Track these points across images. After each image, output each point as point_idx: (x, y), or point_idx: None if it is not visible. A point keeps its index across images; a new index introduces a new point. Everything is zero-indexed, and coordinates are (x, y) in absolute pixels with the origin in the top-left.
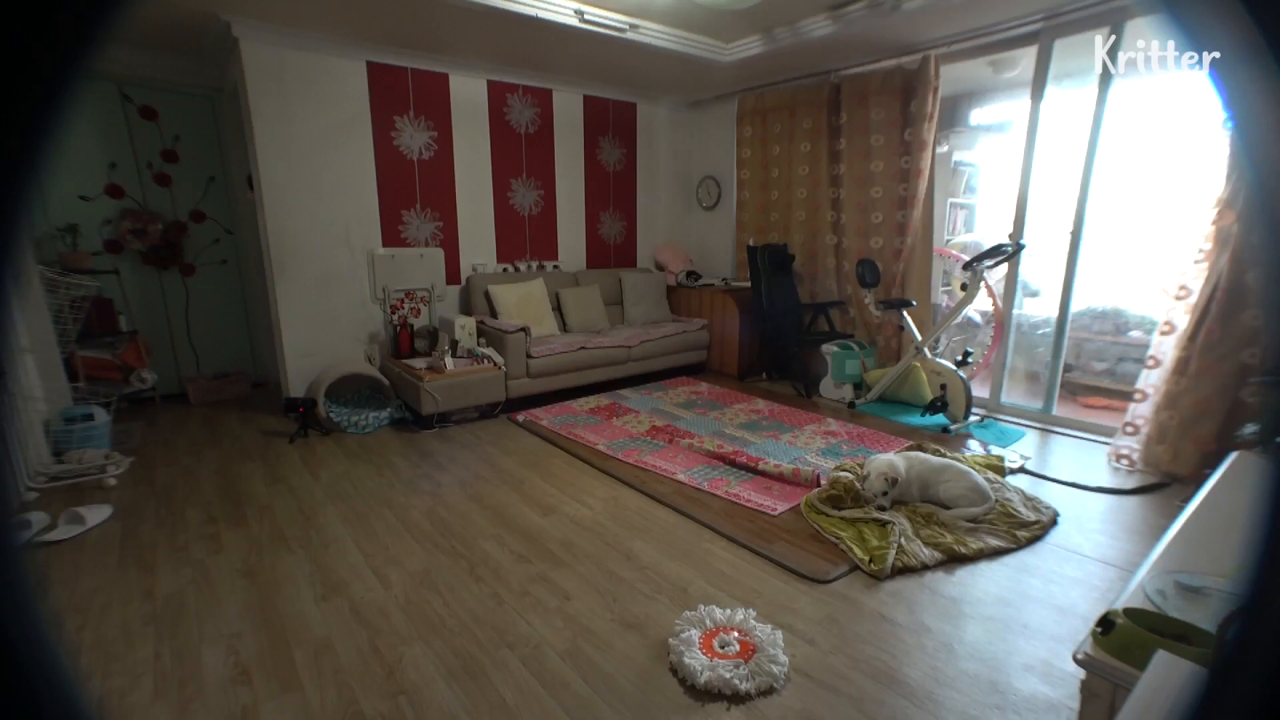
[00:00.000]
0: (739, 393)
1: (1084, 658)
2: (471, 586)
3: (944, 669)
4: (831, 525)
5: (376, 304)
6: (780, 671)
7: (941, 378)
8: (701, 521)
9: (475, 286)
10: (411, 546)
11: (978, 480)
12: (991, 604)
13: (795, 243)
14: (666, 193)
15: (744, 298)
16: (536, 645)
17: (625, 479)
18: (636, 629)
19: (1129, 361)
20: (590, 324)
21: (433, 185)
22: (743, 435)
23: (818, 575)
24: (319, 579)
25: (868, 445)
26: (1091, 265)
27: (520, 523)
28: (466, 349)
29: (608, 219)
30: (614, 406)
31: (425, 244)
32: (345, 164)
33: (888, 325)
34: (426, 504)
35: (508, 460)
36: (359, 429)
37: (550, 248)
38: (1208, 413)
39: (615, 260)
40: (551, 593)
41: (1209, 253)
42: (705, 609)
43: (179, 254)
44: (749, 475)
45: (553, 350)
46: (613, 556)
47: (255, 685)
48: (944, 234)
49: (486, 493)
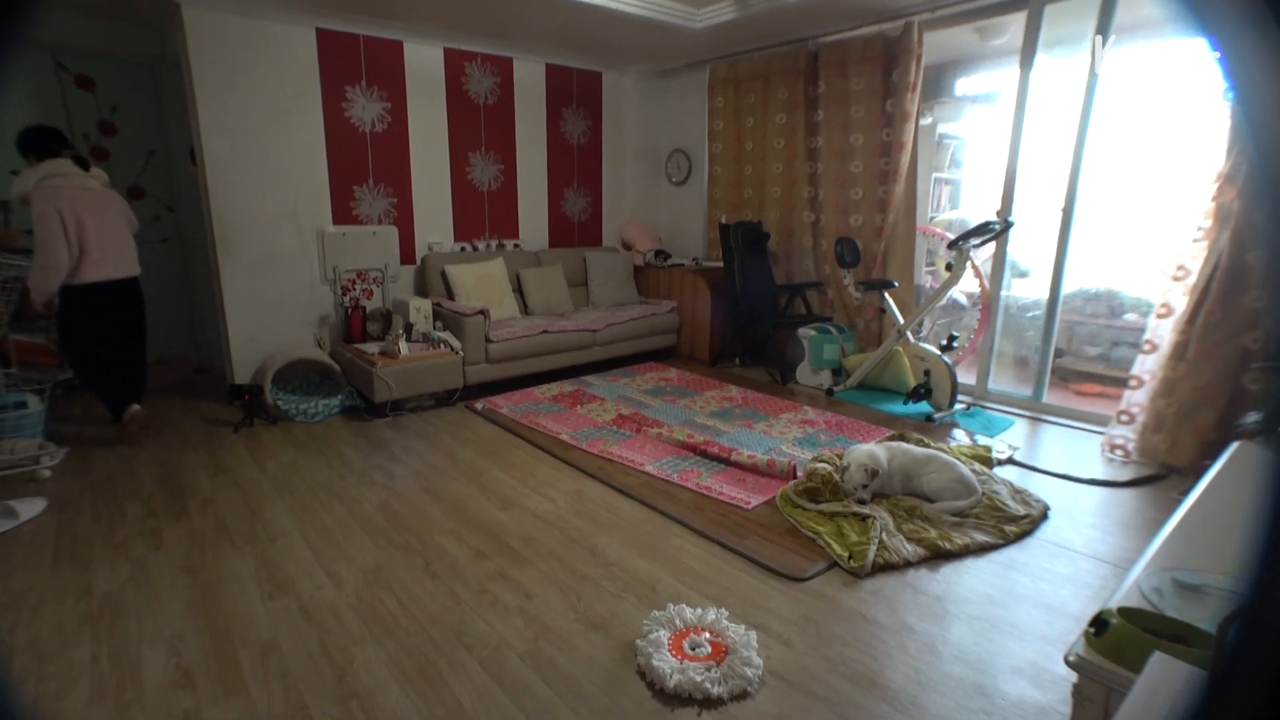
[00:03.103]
0: (710, 379)
1: (1076, 660)
2: (427, 584)
3: (927, 671)
4: (809, 520)
5: (327, 285)
6: (754, 674)
7: (925, 363)
8: (671, 515)
9: (431, 266)
10: (363, 542)
11: (963, 472)
12: (978, 603)
13: (770, 220)
14: (633, 167)
15: (716, 278)
16: (495, 646)
17: (590, 470)
18: (602, 629)
19: (1124, 346)
20: (553, 306)
21: (386, 159)
22: (714, 424)
23: (794, 572)
24: (265, 576)
25: (847, 435)
26: (1084, 244)
27: (479, 517)
28: (422, 333)
29: (571, 195)
30: (578, 394)
31: (378, 221)
32: (293, 137)
33: (868, 307)
34: (379, 497)
35: (465, 450)
36: (308, 417)
37: (511, 225)
38: (1207, 400)
39: (579, 239)
40: (511, 591)
41: (1208, 231)
42: (674, 608)
43: None
44: (721, 467)
45: (513, 334)
46: (576, 552)
47: (198, 689)
48: (928, 211)
49: (443, 485)
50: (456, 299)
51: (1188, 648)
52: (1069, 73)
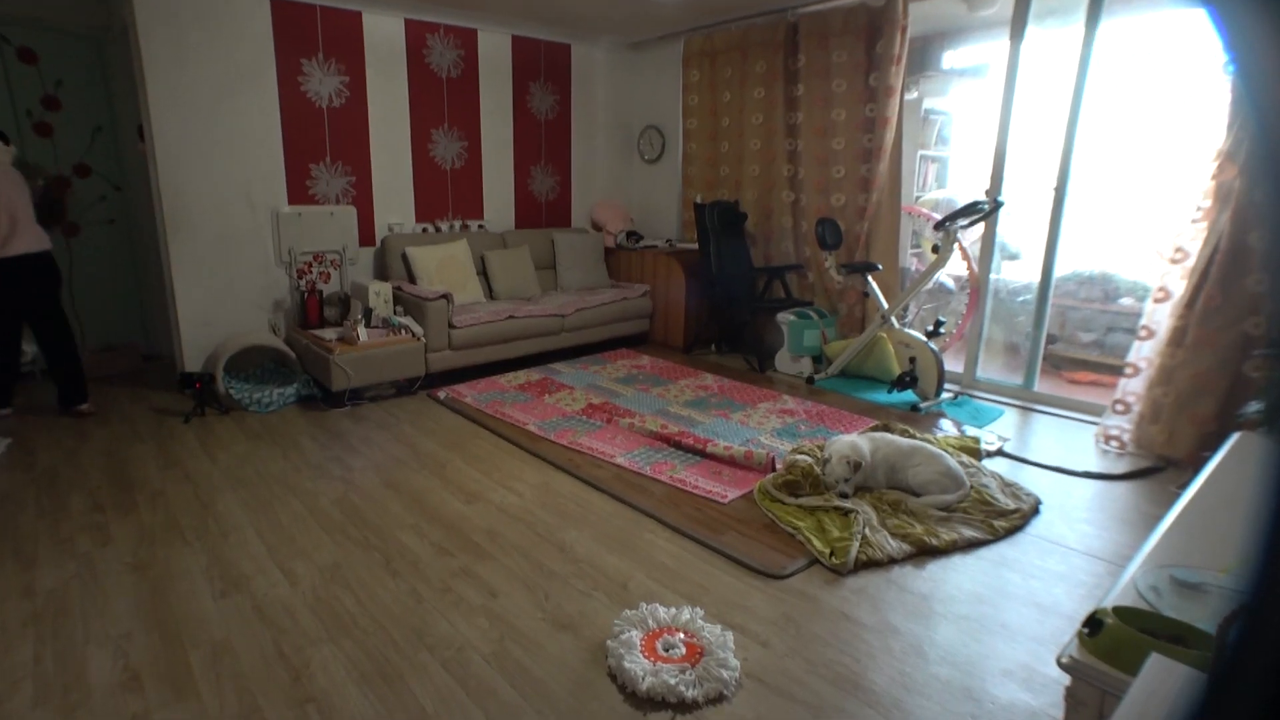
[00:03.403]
0: (685, 367)
1: (1069, 661)
2: (387, 582)
3: (913, 674)
4: (788, 514)
5: (282, 268)
6: (730, 677)
7: (910, 350)
8: (643, 510)
9: (391, 248)
10: (320, 538)
11: (950, 464)
12: (966, 602)
13: (748, 200)
14: (604, 144)
15: (690, 261)
16: (459, 647)
17: (558, 462)
18: (570, 629)
19: (1119, 332)
20: (519, 290)
21: (344, 136)
22: (689, 414)
23: (772, 570)
24: (217, 573)
25: (828, 425)
26: (1077, 225)
27: (441, 511)
28: (381, 318)
29: (539, 173)
30: (546, 382)
31: (336, 201)
32: (247, 113)
33: (850, 291)
34: (337, 490)
35: (427, 442)
36: (262, 407)
37: (475, 205)
38: (1206, 389)
39: (547, 219)
40: (476, 589)
41: (1208, 211)
42: (647, 607)
43: (62, 212)
44: (696, 459)
45: (478, 319)
46: (544, 548)
47: (146, 691)
48: (913, 190)
49: (404, 478)
50: (418, 282)
51: (1186, 649)
52: (1061, 45)
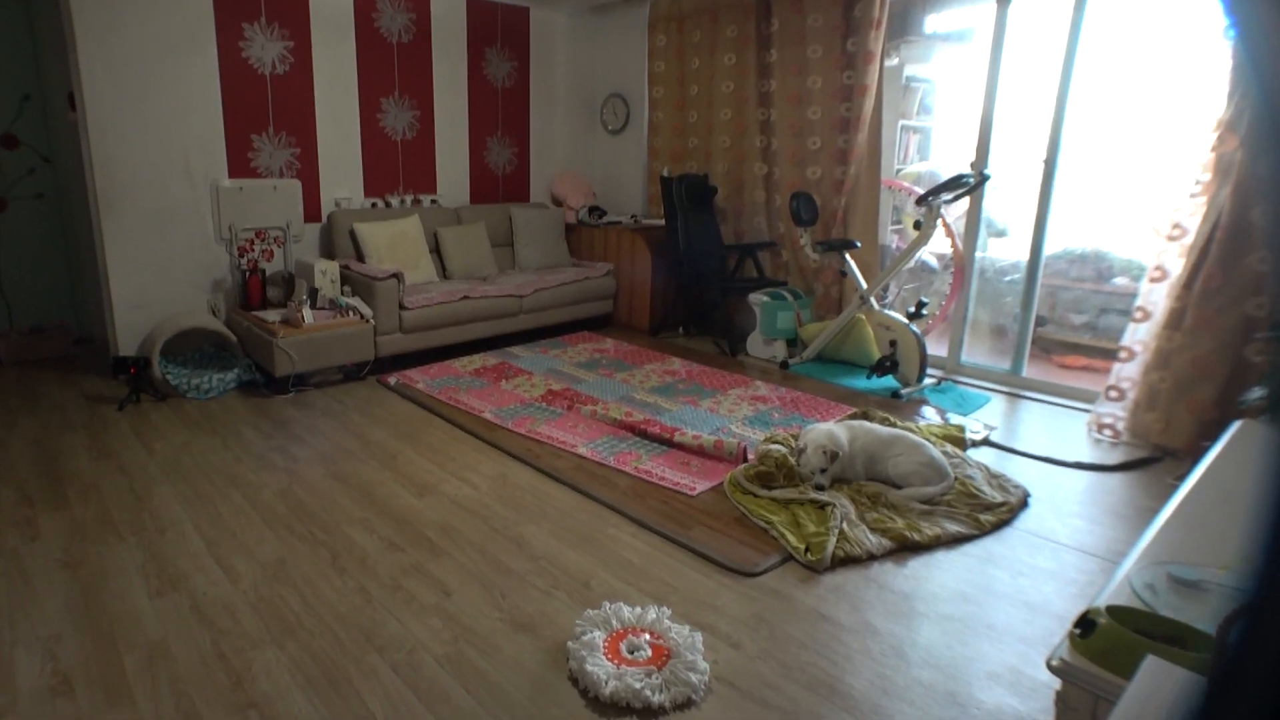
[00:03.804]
0: (651, 351)
1: (1059, 664)
2: (334, 580)
3: (893, 677)
4: (760, 508)
5: (222, 245)
6: (699, 680)
7: (891, 333)
8: (606, 503)
9: (339, 225)
10: (263, 533)
11: (933, 454)
12: (950, 601)
13: (718, 173)
14: (565, 114)
15: (657, 238)
16: (410, 649)
17: (516, 452)
18: (529, 630)
19: (1113, 313)
20: (475, 269)
21: (288, 105)
22: (655, 401)
23: (744, 567)
24: (153, 571)
25: (803, 413)
26: (1069, 200)
27: (392, 504)
28: (328, 299)
29: (495, 145)
30: (503, 367)
31: (280, 174)
32: (185, 80)
33: (827, 271)
34: (281, 482)
35: (377, 430)
36: (201, 393)
37: (428, 179)
38: (1206, 374)
39: (504, 194)
40: (428, 587)
41: (1207, 185)
42: (611, 607)
43: None
44: (663, 449)
45: (430, 300)
46: (501, 544)
47: (78, 696)
48: (894, 162)
49: (352, 469)
50: (367, 261)
51: (1184, 651)
52: (1052, 8)
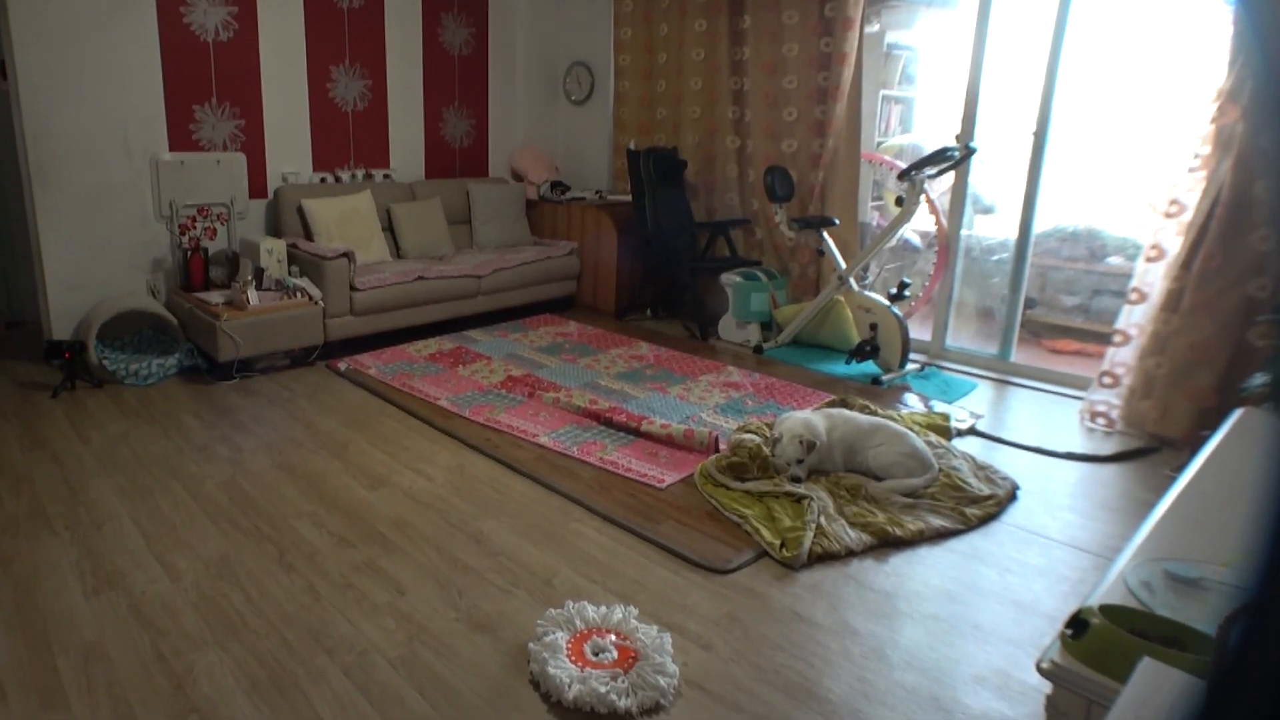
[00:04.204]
0: (617, 334)
1: (1050, 667)
2: (280, 577)
3: (874, 681)
4: (733, 501)
5: (162, 223)
6: (668, 684)
7: (871, 315)
8: (569, 496)
9: (286, 201)
10: (205, 527)
11: (916, 444)
12: (934, 599)
13: (688, 146)
14: (526, 83)
15: (623, 215)
16: (362, 651)
17: (473, 442)
18: (488, 631)
19: (1107, 295)
20: (430, 248)
21: (232, 74)
22: (622, 388)
23: (716, 563)
24: (89, 568)
25: (779, 400)
26: (1060, 175)
27: (342, 497)
28: (275, 279)
29: (452, 116)
30: (460, 351)
31: (223, 148)
32: (122, 47)
33: (803, 250)
34: (224, 474)
35: (326, 419)
36: (140, 380)
37: (380, 152)
38: (1205, 359)
39: (461, 168)
40: (381, 585)
41: (1207, 158)
42: (574, 606)
43: None
44: (629, 438)
45: (383, 281)
46: (458, 539)
47: (9, 700)
48: (874, 135)
49: (300, 460)
50: (316, 239)
51: (1182, 652)
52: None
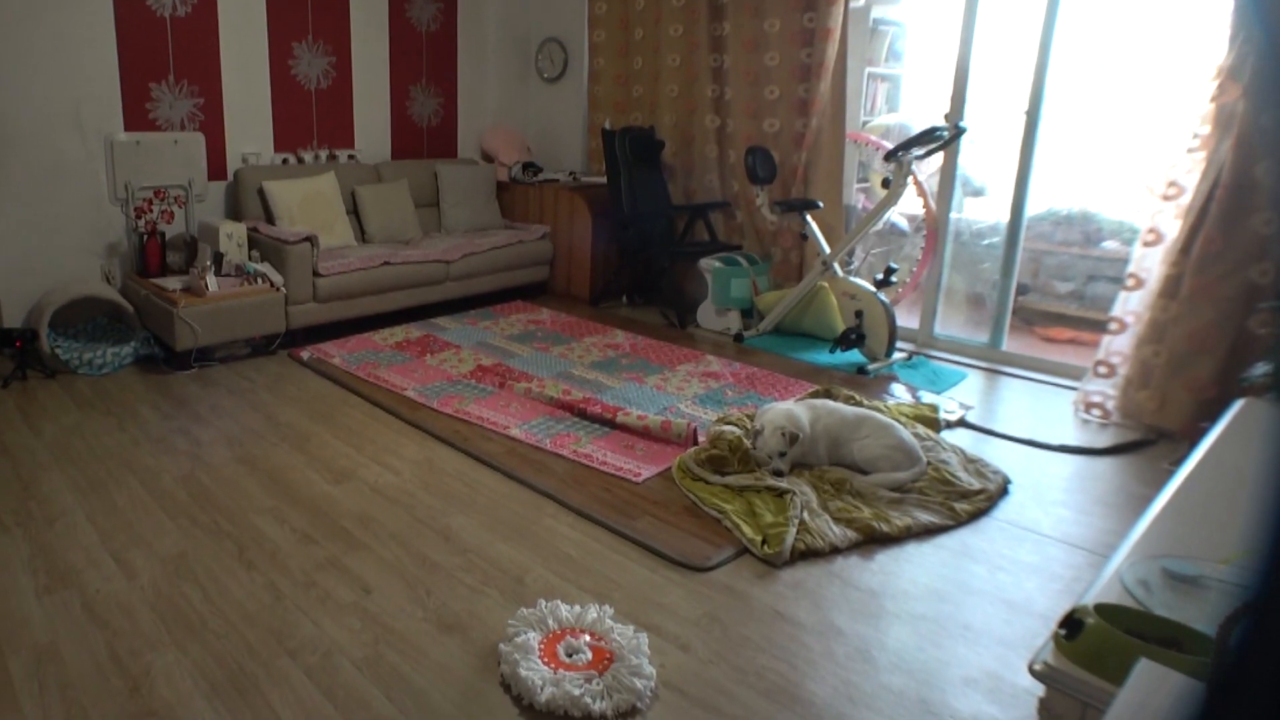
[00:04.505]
0: (591, 322)
1: (1043, 668)
2: (241, 575)
3: (860, 683)
4: (712, 495)
5: (117, 205)
6: (645, 686)
7: (857, 302)
8: (542, 490)
9: (246, 183)
10: (163, 523)
11: (904, 437)
12: (922, 598)
13: (665, 125)
14: (497, 60)
15: (598, 198)
16: (326, 652)
17: (442, 435)
18: (457, 631)
19: (1102, 281)
20: (397, 232)
21: (190, 50)
22: (596, 377)
23: (694, 561)
24: (41, 566)
25: (760, 390)
26: (1053, 155)
27: (305, 492)
28: (234, 265)
29: (420, 95)
30: (428, 340)
31: (181, 127)
32: (75, 22)
33: (786, 233)
34: (182, 467)
35: (288, 410)
36: (94, 369)
37: (344, 132)
38: (1205, 348)
39: (430, 149)
40: (346, 584)
41: (1206, 139)
42: (547, 605)
43: None
44: (604, 430)
45: (347, 266)
46: (426, 536)
47: None
48: (859, 114)
49: (261, 453)
50: (277, 223)
51: (1181, 654)
52: None
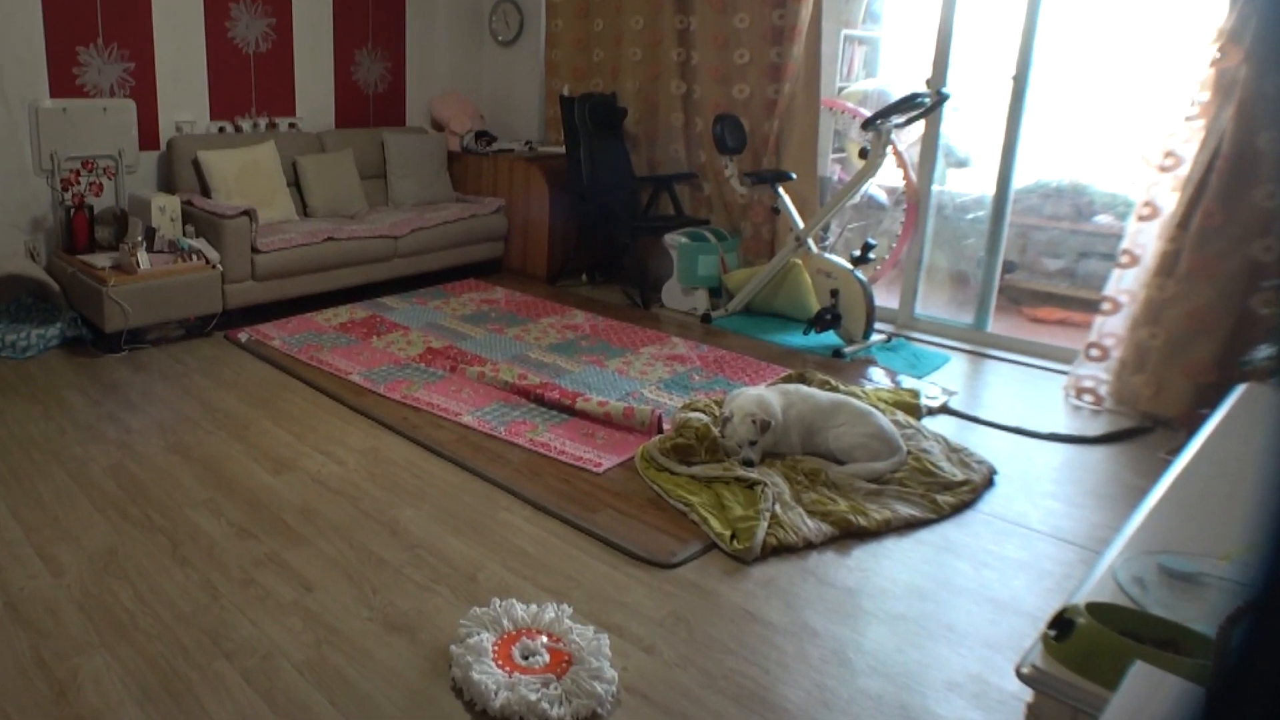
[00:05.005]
0: (549, 301)
1: (1031, 672)
2: (175, 573)
3: (835, 688)
4: (678, 487)
5: (42, 177)
6: (606, 691)
7: (833, 280)
8: (496, 481)
9: (180, 153)
10: (91, 517)
11: (882, 424)
12: (902, 597)
13: (628, 92)
14: (448, 22)
15: (555, 169)
16: (265, 654)
17: (389, 422)
18: (405, 631)
19: (1094, 258)
20: (341, 205)
21: (120, 11)
22: (554, 361)
23: (659, 557)
24: None
25: (729, 375)
26: (1042, 124)
27: (243, 483)
28: (168, 240)
29: (365, 59)
30: (374, 320)
31: (110, 93)
32: None
33: (757, 207)
34: (112, 457)
35: (226, 396)
36: (18, 352)
37: (285, 99)
38: (1204, 329)
39: (376, 117)
40: (286, 581)
41: (1206, 106)
42: (502, 604)
43: None
44: (563, 417)
45: (288, 242)
46: (372, 530)
47: None
48: (835, 79)
49: (196, 441)
50: (213, 195)
51: (1179, 656)
52: None
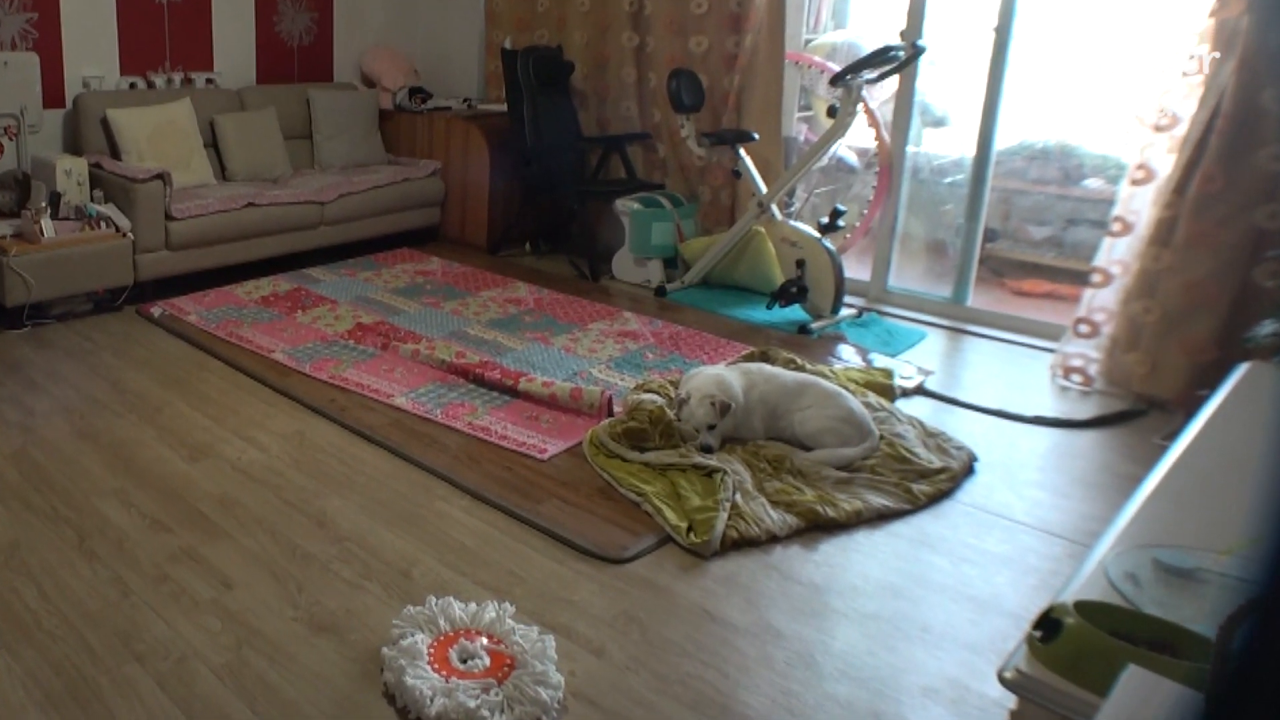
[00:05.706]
0: (489, 273)
1: (1015, 676)
2: (81, 568)
3: (801, 694)
4: (630, 475)
5: None
6: (551, 697)
7: (798, 250)
8: (432, 469)
9: (88, 111)
10: None
11: (853, 407)
12: (874, 595)
13: (575, 45)
14: None
15: (497, 128)
16: (181, 657)
17: (315, 404)
18: (333, 632)
19: (1084, 225)
20: (262, 168)
21: None
22: (495, 338)
23: (609, 551)
24: None
25: (685, 353)
26: (1027, 80)
27: (156, 471)
28: (74, 206)
29: (289, 9)
30: (299, 294)
31: (11, 46)
32: None
33: (716, 170)
34: (13, 443)
35: (137, 376)
36: None
37: (202, 53)
38: (1203, 303)
39: (301, 72)
40: (203, 577)
41: (1205, 61)
42: (438, 603)
43: None
44: (505, 399)
45: (206, 208)
46: (296, 522)
47: None
48: (801, 31)
49: (105, 425)
50: (124, 157)
51: (1175, 658)
52: None
